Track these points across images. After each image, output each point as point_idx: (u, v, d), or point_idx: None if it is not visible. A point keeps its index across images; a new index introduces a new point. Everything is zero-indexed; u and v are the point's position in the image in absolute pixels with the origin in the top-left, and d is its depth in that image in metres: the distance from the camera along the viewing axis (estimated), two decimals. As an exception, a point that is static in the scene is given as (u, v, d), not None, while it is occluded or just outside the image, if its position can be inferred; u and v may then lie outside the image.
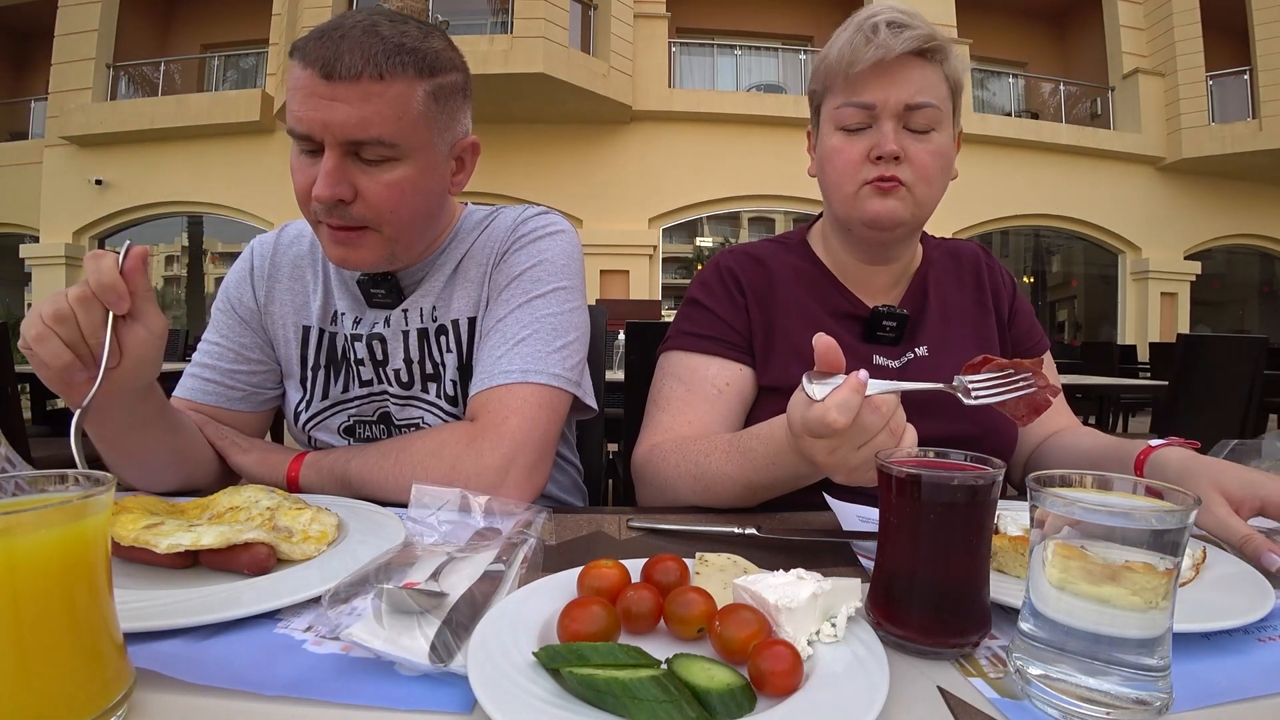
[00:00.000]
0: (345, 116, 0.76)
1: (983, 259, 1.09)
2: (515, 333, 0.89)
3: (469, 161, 0.93)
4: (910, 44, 0.85)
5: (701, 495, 0.83)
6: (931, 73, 0.88)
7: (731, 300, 0.99)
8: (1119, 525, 0.38)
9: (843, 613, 0.46)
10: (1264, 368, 2.95)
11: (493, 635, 0.43)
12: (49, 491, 0.39)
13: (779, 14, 11.37)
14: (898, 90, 0.86)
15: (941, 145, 0.89)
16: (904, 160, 0.88)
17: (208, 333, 1.02)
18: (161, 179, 10.01)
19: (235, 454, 0.91)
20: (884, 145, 0.87)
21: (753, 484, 0.78)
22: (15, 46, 12.05)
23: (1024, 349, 1.07)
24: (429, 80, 0.81)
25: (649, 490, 0.92)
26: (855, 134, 0.90)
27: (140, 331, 0.68)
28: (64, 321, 0.64)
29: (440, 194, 0.89)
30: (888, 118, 0.87)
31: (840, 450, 0.60)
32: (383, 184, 0.80)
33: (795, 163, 7.92)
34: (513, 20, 8.52)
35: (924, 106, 0.87)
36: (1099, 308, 11.70)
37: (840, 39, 0.89)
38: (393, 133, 0.78)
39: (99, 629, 0.36)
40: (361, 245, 0.84)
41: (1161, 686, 0.38)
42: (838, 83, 0.90)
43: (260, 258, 1.02)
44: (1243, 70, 10.33)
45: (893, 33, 0.85)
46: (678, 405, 0.95)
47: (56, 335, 0.65)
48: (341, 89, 0.75)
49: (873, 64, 0.85)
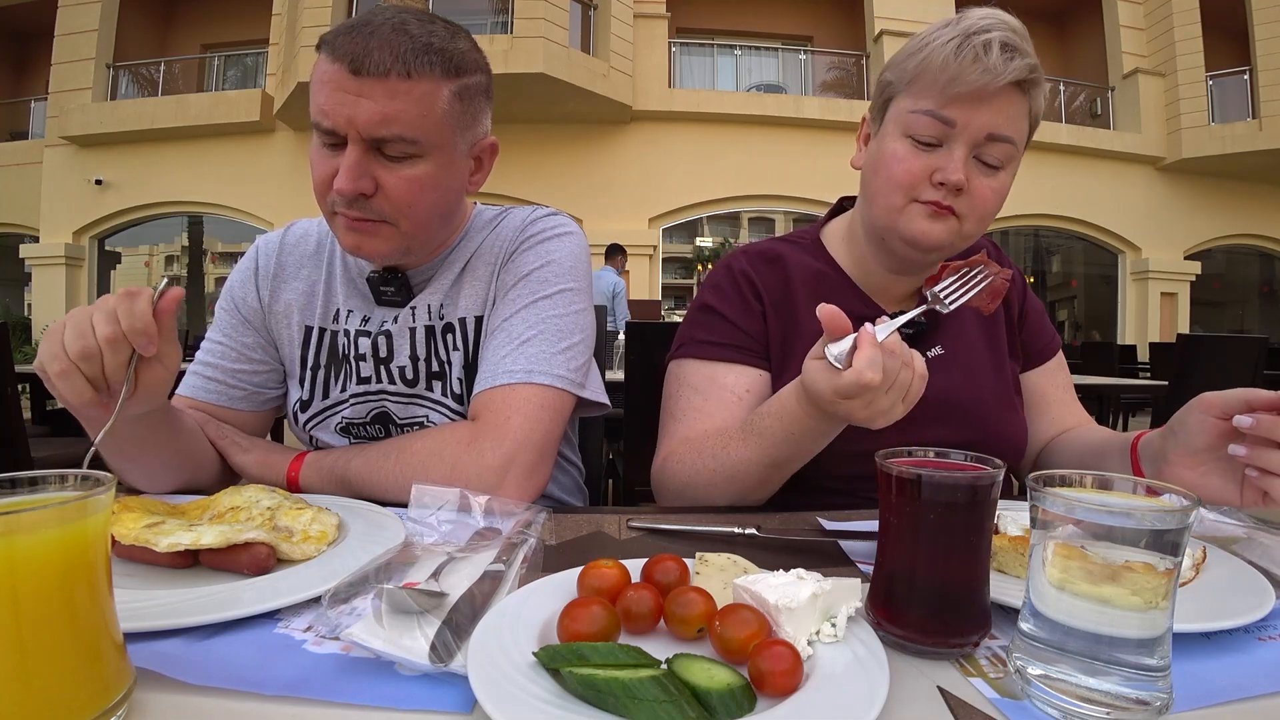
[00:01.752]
0: (371, 112, 0.77)
1: (994, 257, 1.07)
2: (521, 333, 0.89)
3: (487, 161, 0.93)
4: (1017, 74, 0.79)
5: (725, 488, 0.82)
6: (1020, 105, 0.82)
7: (747, 306, 0.96)
8: (1119, 525, 0.38)
9: (843, 613, 0.46)
10: (1264, 368, 2.96)
11: (493, 635, 0.43)
12: (49, 491, 0.39)
13: (779, 14, 11.38)
14: (984, 116, 0.80)
15: (1004, 185, 0.85)
16: (965, 193, 0.83)
17: (211, 331, 1.02)
18: (161, 179, 10.02)
19: (236, 454, 0.91)
20: (950, 173, 0.81)
21: (775, 461, 0.78)
22: (15, 46, 12.05)
23: (1035, 349, 1.06)
24: (455, 81, 0.81)
25: (670, 498, 0.91)
26: (923, 148, 0.84)
27: (159, 370, 0.69)
28: (90, 360, 0.64)
29: (458, 192, 0.90)
30: (964, 142, 0.81)
31: (875, 401, 0.64)
32: (404, 180, 0.81)
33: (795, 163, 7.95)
34: (513, 20, 8.53)
35: (1004, 140, 0.81)
36: (1099, 308, 11.70)
37: (944, 45, 0.81)
38: (416, 130, 0.79)
39: (99, 629, 0.36)
40: (377, 235, 0.84)
41: (1161, 686, 0.38)
42: (924, 88, 0.83)
43: (265, 257, 1.02)
44: (1243, 70, 10.33)
45: (1005, 59, 0.78)
46: (694, 416, 0.92)
47: (80, 372, 0.64)
48: (369, 85, 0.76)
49: (976, 88, 0.79)
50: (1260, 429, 0.65)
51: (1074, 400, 1.07)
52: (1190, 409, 0.72)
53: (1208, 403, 0.70)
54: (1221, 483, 0.71)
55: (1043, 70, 0.83)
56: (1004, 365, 1.00)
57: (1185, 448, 0.72)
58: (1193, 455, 0.72)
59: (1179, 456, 0.73)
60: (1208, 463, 0.72)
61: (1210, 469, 0.72)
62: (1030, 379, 1.06)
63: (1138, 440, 0.83)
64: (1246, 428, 0.66)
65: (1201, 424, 0.70)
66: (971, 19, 0.82)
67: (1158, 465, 0.77)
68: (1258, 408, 0.66)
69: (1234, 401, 0.68)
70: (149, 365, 0.68)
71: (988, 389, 0.96)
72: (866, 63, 10.61)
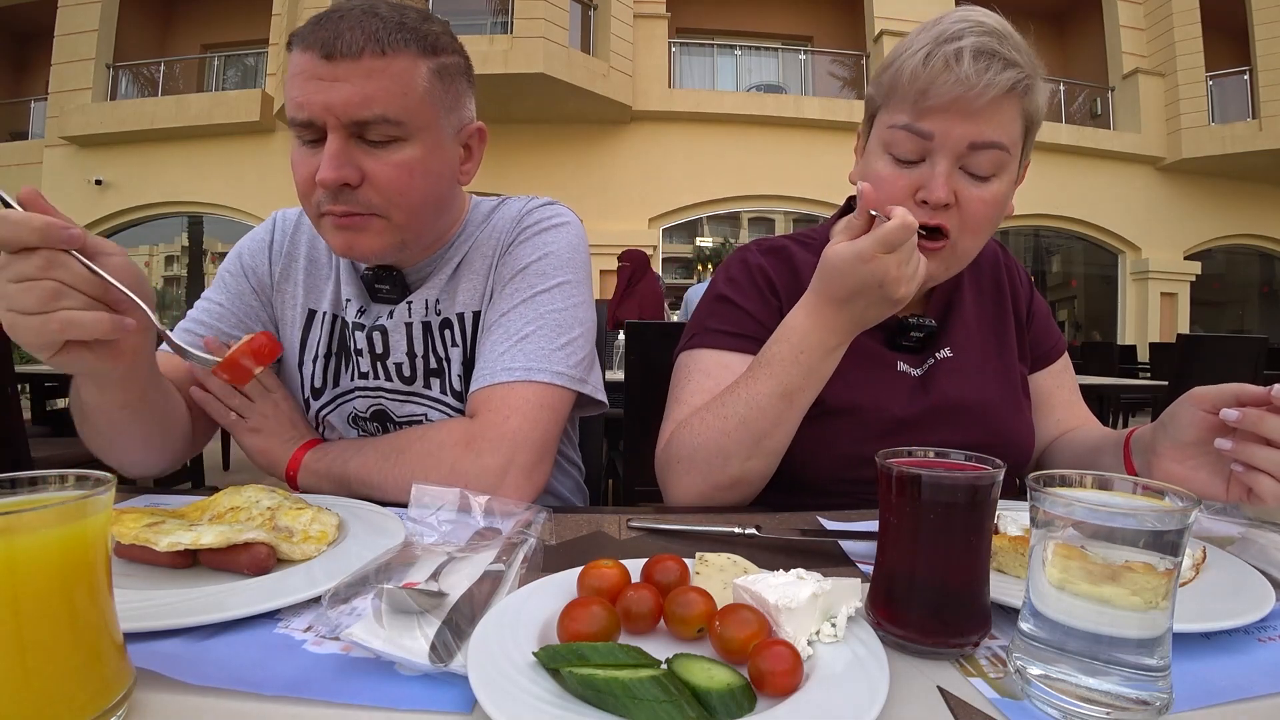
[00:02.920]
0: (348, 95, 0.74)
1: (1001, 258, 1.06)
2: (519, 329, 0.87)
3: (476, 150, 0.91)
4: (999, 88, 0.74)
5: (739, 435, 0.79)
6: (1008, 109, 0.77)
7: (764, 299, 0.95)
8: (1119, 525, 0.38)
9: (843, 613, 0.46)
10: (1264, 368, 2.96)
11: (493, 635, 0.43)
12: (49, 491, 0.39)
13: (779, 14, 11.38)
14: (964, 126, 0.76)
15: (999, 193, 0.80)
16: (954, 206, 0.79)
17: (210, 292, 0.97)
18: (161, 179, 10.02)
19: (241, 432, 0.90)
20: (933, 190, 0.78)
21: (786, 389, 0.78)
22: (15, 46, 12.05)
23: (1041, 351, 1.06)
24: (432, 59, 0.79)
25: (681, 469, 0.84)
26: (904, 165, 0.81)
27: (116, 260, 0.61)
28: (62, 296, 0.57)
29: (449, 180, 0.87)
30: (945, 155, 0.78)
31: (907, 262, 0.71)
32: (391, 165, 0.78)
33: (795, 163, 7.91)
34: (513, 20, 8.53)
35: (990, 147, 0.77)
36: (1099, 308, 11.70)
37: (915, 53, 0.78)
38: (398, 110, 0.76)
39: (99, 629, 0.36)
40: (367, 230, 0.80)
41: (1161, 686, 0.38)
42: (898, 102, 0.80)
43: (281, 232, 0.99)
44: (1243, 70, 10.33)
45: (979, 68, 0.74)
46: (703, 399, 0.88)
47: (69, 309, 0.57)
48: (343, 68, 0.74)
49: (951, 100, 0.75)
50: (1245, 423, 0.65)
51: (1079, 401, 1.07)
52: (1181, 403, 0.72)
53: (1198, 396, 0.70)
54: (1208, 477, 0.71)
55: (1037, 69, 0.79)
56: (1012, 367, 0.99)
57: (1174, 441, 0.72)
58: (1182, 449, 0.72)
59: (1167, 450, 0.73)
60: (1196, 457, 0.71)
61: (1199, 463, 0.71)
62: (1037, 380, 1.05)
63: (1130, 436, 0.83)
64: (1233, 421, 0.65)
65: (1191, 418, 0.70)
66: (945, 23, 0.78)
67: (1147, 458, 0.76)
68: (1247, 402, 0.66)
69: (1224, 396, 0.68)
70: (103, 264, 0.60)
71: (996, 391, 0.95)
72: (867, 63, 10.61)
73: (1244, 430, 0.65)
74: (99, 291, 0.60)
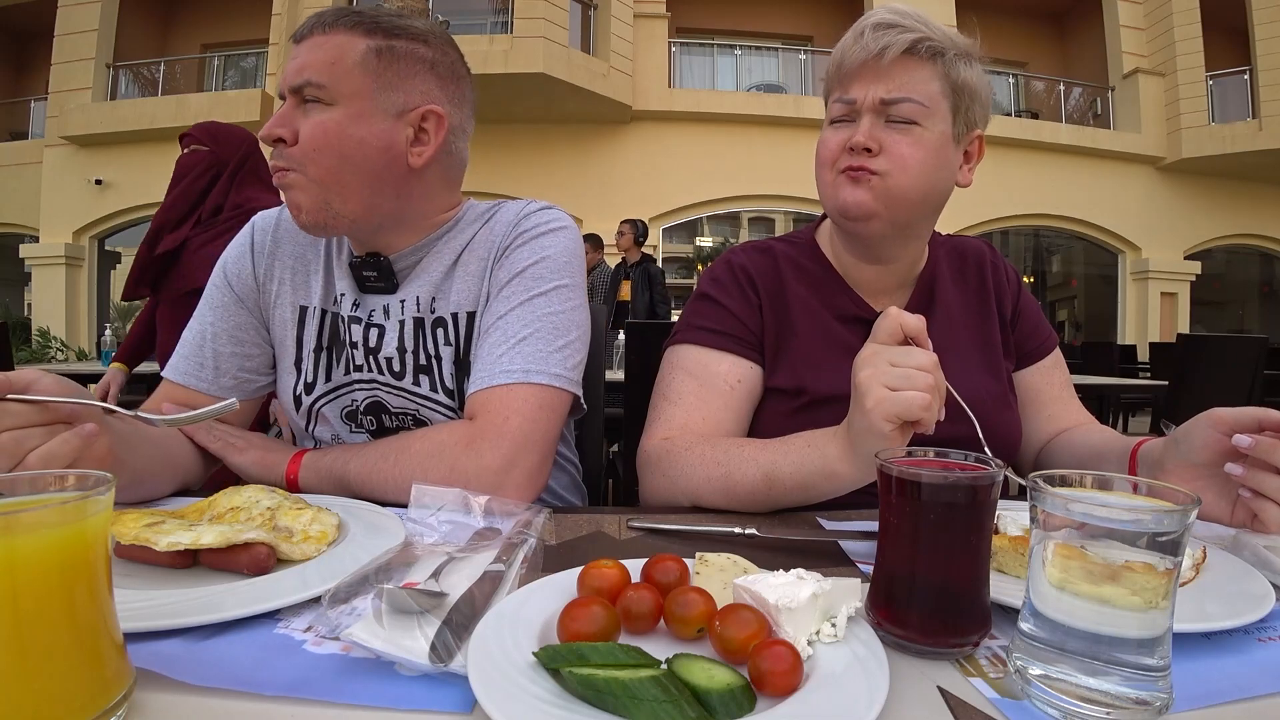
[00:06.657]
0: (292, 67, 0.86)
1: (988, 257, 1.08)
2: (517, 331, 0.88)
3: (433, 134, 0.90)
4: (896, 46, 0.87)
5: (718, 484, 0.81)
6: (920, 70, 0.89)
7: (745, 298, 0.99)
8: (1119, 525, 0.38)
9: (843, 613, 0.46)
10: (1264, 368, 2.96)
11: (493, 635, 0.43)
12: (49, 491, 0.39)
13: (779, 14, 11.37)
14: (875, 85, 0.89)
15: (926, 139, 0.89)
16: (881, 152, 0.89)
17: (200, 308, 1.00)
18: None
19: (232, 454, 0.91)
20: (855, 136, 0.89)
21: (774, 475, 0.76)
22: (15, 46, 12.04)
23: (1029, 349, 1.06)
24: (374, 38, 0.86)
25: (660, 481, 0.88)
26: (839, 126, 0.93)
27: (42, 383, 0.63)
28: (22, 440, 0.60)
29: (384, 154, 0.87)
30: (866, 111, 0.89)
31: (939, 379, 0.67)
32: (310, 124, 0.85)
33: (795, 163, 7.92)
34: (513, 20, 8.53)
35: (901, 101, 0.88)
36: (1099, 308, 11.70)
37: (840, 42, 0.93)
38: (324, 76, 0.84)
39: (99, 629, 0.36)
40: (293, 188, 0.86)
41: (1161, 686, 0.38)
42: (831, 82, 0.95)
43: (261, 233, 1.01)
44: (1243, 70, 10.33)
45: (878, 35, 0.88)
46: (690, 401, 0.94)
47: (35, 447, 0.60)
48: (300, 48, 0.86)
49: (859, 64, 0.89)
50: (1259, 450, 0.65)
51: (1073, 398, 1.07)
52: (1199, 422, 0.72)
53: (1217, 418, 0.70)
54: (1214, 499, 0.71)
55: (957, 44, 0.90)
56: (998, 364, 1.01)
57: (1186, 460, 0.72)
58: (1192, 468, 0.72)
59: (1176, 467, 0.73)
60: (1204, 478, 0.71)
61: (1206, 484, 0.71)
62: (1025, 377, 1.06)
63: (1138, 448, 0.83)
64: (1245, 448, 0.65)
65: (1206, 439, 0.70)
66: (866, 15, 0.92)
67: (1154, 474, 0.77)
68: (1268, 427, 0.66)
69: (1245, 419, 0.67)
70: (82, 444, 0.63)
71: (981, 386, 0.96)
72: (866, 63, 10.58)
73: (1256, 457, 0.65)
74: (49, 417, 0.63)
